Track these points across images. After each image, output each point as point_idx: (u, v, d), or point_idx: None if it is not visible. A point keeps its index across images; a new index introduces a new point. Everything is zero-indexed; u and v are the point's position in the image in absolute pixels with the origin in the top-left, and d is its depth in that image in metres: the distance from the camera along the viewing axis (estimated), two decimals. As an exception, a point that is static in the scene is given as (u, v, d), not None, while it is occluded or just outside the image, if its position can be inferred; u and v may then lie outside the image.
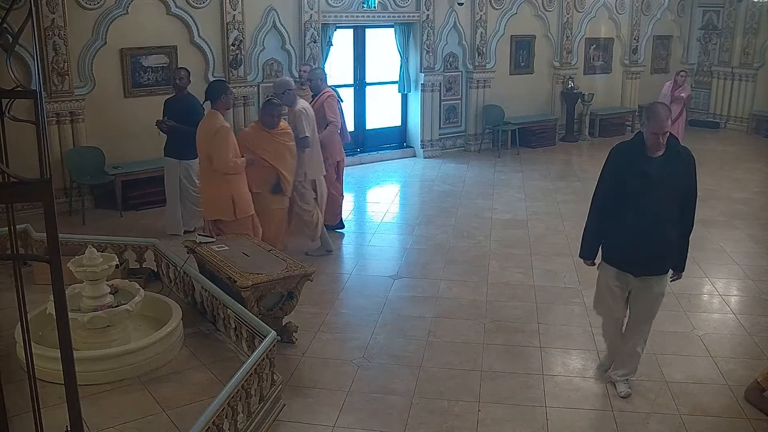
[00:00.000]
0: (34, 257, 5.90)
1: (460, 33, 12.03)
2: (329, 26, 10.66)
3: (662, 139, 4.13)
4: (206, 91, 6.40)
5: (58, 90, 8.40)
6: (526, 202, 9.40)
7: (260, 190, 6.51)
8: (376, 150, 11.86)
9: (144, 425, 4.07)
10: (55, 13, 8.20)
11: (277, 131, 6.54)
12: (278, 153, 6.52)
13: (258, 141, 6.48)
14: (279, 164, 6.52)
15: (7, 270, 5.32)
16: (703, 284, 6.60)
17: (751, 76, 14.39)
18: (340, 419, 4.37)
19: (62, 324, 2.15)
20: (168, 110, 7.70)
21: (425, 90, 11.82)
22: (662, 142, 4.15)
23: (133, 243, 6.30)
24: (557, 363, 5.12)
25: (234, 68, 9.68)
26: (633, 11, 14.17)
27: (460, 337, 5.49)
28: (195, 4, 9.27)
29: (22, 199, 2.12)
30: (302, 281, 5.24)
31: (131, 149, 8.92)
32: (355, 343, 5.38)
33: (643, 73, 14.74)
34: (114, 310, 4.72)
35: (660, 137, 4.12)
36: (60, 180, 8.53)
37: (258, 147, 6.44)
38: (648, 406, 4.53)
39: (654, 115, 4.16)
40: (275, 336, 4.35)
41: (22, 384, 3.15)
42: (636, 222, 4.24)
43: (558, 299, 6.27)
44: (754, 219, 8.76)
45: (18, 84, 2.30)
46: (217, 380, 4.48)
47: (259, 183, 6.49)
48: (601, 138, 13.78)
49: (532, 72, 13.21)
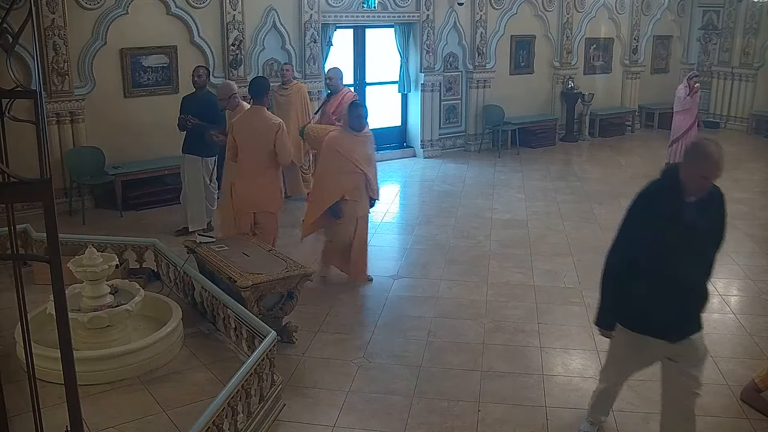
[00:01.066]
0: (34, 257, 5.91)
1: (460, 33, 12.03)
2: (329, 26, 10.66)
3: (710, 182, 3.47)
4: (252, 87, 6.41)
5: (58, 90, 8.40)
6: (526, 202, 9.40)
7: (355, 198, 6.21)
8: (376, 150, 11.77)
9: (144, 425, 4.07)
10: (55, 13, 8.20)
11: (364, 134, 6.29)
12: (368, 157, 6.28)
13: (350, 145, 6.15)
14: (368, 169, 6.24)
15: (7, 270, 5.33)
16: (703, 284, 6.60)
17: (751, 76, 14.38)
18: (340, 419, 4.37)
19: (62, 324, 2.15)
20: (187, 108, 7.67)
21: (425, 90, 11.82)
22: (709, 187, 3.49)
23: (133, 243, 6.30)
24: (557, 363, 5.12)
25: (234, 68, 9.68)
26: (633, 11, 14.17)
27: (460, 337, 5.49)
28: (195, 4, 9.27)
29: (22, 199, 2.12)
30: (302, 281, 5.24)
31: (131, 149, 8.93)
32: (355, 343, 5.38)
33: (643, 73, 14.74)
34: (114, 310, 4.72)
35: (709, 181, 3.45)
36: (60, 180, 8.53)
37: (350, 151, 6.13)
38: (648, 406, 4.53)
39: (706, 156, 3.40)
40: (275, 336, 4.35)
41: (22, 384, 3.15)
42: (671, 281, 3.52)
43: (558, 299, 6.27)
44: (754, 219, 8.76)
45: (18, 84, 2.30)
46: (217, 380, 4.48)
47: (350, 190, 6.19)
48: (601, 138, 13.80)
49: (532, 72, 13.21)
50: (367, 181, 6.25)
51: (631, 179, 10.66)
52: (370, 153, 6.33)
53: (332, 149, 6.15)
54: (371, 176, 6.27)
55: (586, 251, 7.36)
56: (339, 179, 6.14)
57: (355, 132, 6.19)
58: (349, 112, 6.32)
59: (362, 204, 6.32)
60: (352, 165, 6.12)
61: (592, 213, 8.75)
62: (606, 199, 9.40)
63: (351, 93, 8.10)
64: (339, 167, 6.12)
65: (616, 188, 10.03)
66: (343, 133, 6.25)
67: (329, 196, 6.19)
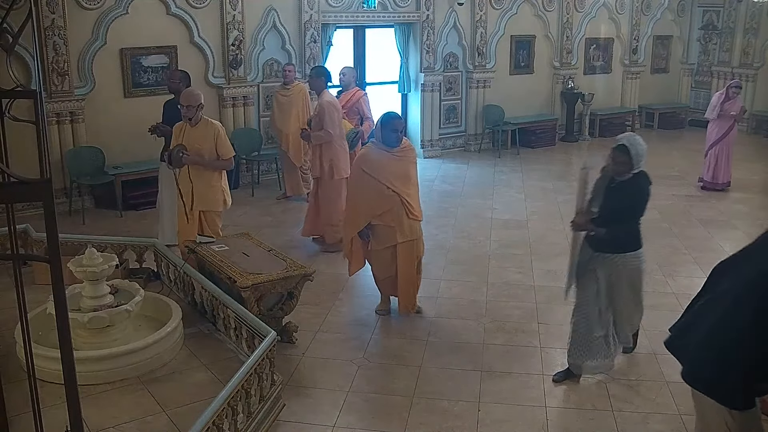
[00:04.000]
0: (34, 257, 5.91)
1: (460, 33, 12.03)
2: (329, 26, 10.66)
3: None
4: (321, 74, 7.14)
5: (58, 90, 8.40)
6: (526, 202, 9.40)
7: (388, 223, 5.48)
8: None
9: (144, 425, 4.07)
10: (55, 13, 8.20)
11: (401, 150, 5.51)
12: (404, 176, 5.52)
13: (380, 164, 5.42)
14: (405, 191, 5.47)
15: (7, 270, 5.32)
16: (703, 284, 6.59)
17: (751, 76, 14.38)
18: (340, 419, 4.37)
19: (62, 324, 2.15)
20: (167, 113, 7.60)
21: (425, 90, 11.82)
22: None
23: (133, 243, 6.30)
24: (557, 363, 5.11)
25: (234, 68, 9.68)
26: (633, 11, 14.17)
27: (460, 337, 5.49)
28: (195, 4, 9.27)
29: (22, 199, 2.12)
30: (302, 281, 5.24)
31: (131, 149, 8.92)
32: (355, 343, 5.38)
33: (643, 73, 14.74)
34: (114, 310, 4.72)
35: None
36: (60, 180, 8.53)
37: (380, 171, 5.39)
38: (648, 406, 4.53)
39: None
40: (275, 336, 4.35)
41: (22, 384, 3.15)
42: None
43: (558, 299, 6.25)
44: (754, 219, 8.75)
45: (18, 84, 2.30)
46: (217, 380, 4.48)
47: (381, 215, 5.46)
48: (601, 138, 13.77)
49: (532, 72, 13.21)
50: (406, 203, 5.48)
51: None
52: (408, 171, 5.56)
53: (358, 168, 5.53)
54: (410, 198, 5.49)
55: (586, 251, 7.35)
56: (368, 202, 5.46)
57: (388, 148, 5.45)
58: (381, 126, 5.48)
59: (403, 229, 5.51)
60: (383, 186, 5.39)
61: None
62: (606, 199, 9.38)
63: (360, 92, 8.16)
64: (367, 188, 5.44)
65: (616, 188, 10.02)
66: (373, 150, 5.53)
67: (355, 222, 5.57)
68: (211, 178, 6.17)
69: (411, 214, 5.52)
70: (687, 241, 7.80)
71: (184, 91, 6.32)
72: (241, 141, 9.63)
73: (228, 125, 9.48)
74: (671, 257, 7.28)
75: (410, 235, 5.56)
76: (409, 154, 5.60)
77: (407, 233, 5.54)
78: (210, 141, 6.08)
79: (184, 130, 6.15)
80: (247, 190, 9.73)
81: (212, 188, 6.19)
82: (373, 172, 5.41)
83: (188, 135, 6.11)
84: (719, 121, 9.81)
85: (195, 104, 6.07)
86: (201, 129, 6.11)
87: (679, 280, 6.65)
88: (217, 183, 6.22)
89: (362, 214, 5.51)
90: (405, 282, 5.68)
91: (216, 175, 6.22)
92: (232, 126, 9.74)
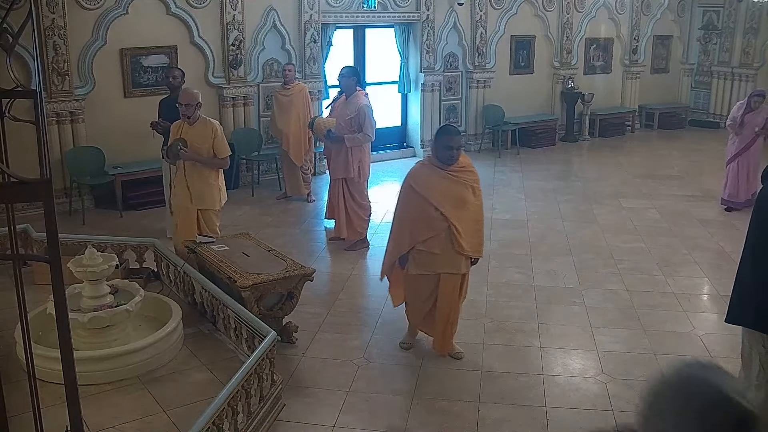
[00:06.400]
0: (34, 257, 5.91)
1: (460, 33, 12.03)
2: (329, 26, 10.66)
3: None
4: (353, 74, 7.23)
5: (58, 90, 8.40)
6: (526, 202, 9.39)
7: (433, 250, 4.86)
8: (376, 150, 11.80)
9: (144, 425, 4.07)
10: (55, 13, 8.21)
11: (457, 169, 4.89)
12: (459, 199, 4.87)
13: (431, 182, 4.86)
14: (455, 215, 4.82)
15: (7, 270, 5.32)
16: (703, 284, 6.60)
17: (751, 76, 14.37)
18: (340, 419, 4.37)
19: (62, 324, 2.15)
20: (163, 111, 7.62)
21: (425, 90, 11.82)
22: None
23: (133, 243, 6.29)
24: (557, 363, 5.11)
25: (234, 68, 9.68)
26: (633, 11, 14.17)
27: (460, 337, 5.48)
28: (195, 4, 9.27)
29: (22, 199, 2.12)
30: (302, 281, 5.24)
31: (131, 149, 8.92)
32: (355, 343, 5.38)
33: (643, 73, 14.73)
34: (114, 310, 4.72)
35: None
36: (60, 180, 8.54)
37: (429, 190, 4.83)
38: (648, 406, 4.52)
39: None
40: (275, 336, 4.35)
41: (22, 384, 3.15)
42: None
43: (558, 299, 6.27)
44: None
45: (18, 84, 2.30)
46: (217, 380, 4.47)
47: (427, 239, 4.86)
48: (601, 138, 13.79)
49: (532, 72, 13.21)
50: (455, 230, 4.84)
51: (631, 179, 10.68)
52: (464, 195, 4.89)
53: (407, 184, 4.96)
54: (459, 225, 4.83)
55: (586, 251, 7.36)
56: (414, 223, 4.90)
57: (442, 165, 4.88)
58: (435, 139, 5.00)
59: (449, 260, 4.89)
60: (430, 207, 4.82)
61: (592, 213, 8.74)
62: (606, 199, 9.39)
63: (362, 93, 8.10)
64: (414, 207, 4.89)
65: (616, 188, 10.03)
66: (425, 166, 4.99)
67: (400, 243, 5.01)
68: (208, 176, 6.20)
69: (456, 242, 4.83)
70: (687, 241, 7.80)
71: (183, 91, 6.35)
72: (241, 141, 9.63)
73: (228, 125, 9.48)
74: (671, 257, 7.28)
75: (455, 269, 4.92)
76: (467, 177, 4.92)
77: (457, 266, 4.92)
78: (208, 140, 6.11)
79: (182, 128, 6.17)
80: (247, 190, 9.73)
81: (210, 186, 6.21)
82: (422, 189, 4.87)
83: (186, 134, 6.13)
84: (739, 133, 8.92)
85: (194, 103, 6.11)
86: (199, 128, 6.13)
87: (679, 280, 6.65)
88: (214, 181, 6.25)
89: (408, 234, 4.93)
90: (443, 319, 5.04)
91: (213, 173, 6.25)
92: (232, 126, 9.74)
